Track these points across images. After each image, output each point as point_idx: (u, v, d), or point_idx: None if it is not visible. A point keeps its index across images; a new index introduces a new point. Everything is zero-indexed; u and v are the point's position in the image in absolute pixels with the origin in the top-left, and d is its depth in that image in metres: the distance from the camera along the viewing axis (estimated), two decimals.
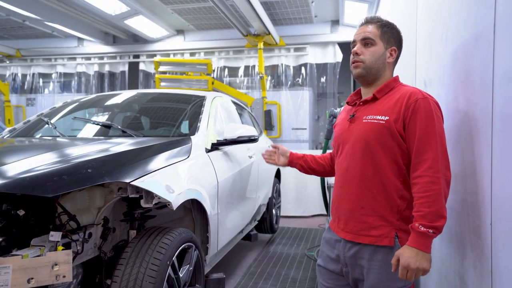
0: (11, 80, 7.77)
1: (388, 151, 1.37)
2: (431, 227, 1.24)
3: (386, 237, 1.36)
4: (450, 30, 1.63)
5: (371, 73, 1.48)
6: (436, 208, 1.25)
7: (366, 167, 1.40)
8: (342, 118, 1.61)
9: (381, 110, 1.41)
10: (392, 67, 1.53)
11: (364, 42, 1.49)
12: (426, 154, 1.29)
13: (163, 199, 1.70)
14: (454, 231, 1.59)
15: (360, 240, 1.41)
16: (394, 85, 1.48)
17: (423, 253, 1.25)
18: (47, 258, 1.33)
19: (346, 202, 1.46)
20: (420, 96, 1.35)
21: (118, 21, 5.91)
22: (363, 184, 1.40)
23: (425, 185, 1.27)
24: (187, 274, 1.92)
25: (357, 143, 1.43)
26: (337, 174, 1.55)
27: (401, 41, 1.55)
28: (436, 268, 1.84)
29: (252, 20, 5.32)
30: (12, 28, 6.92)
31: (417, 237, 1.25)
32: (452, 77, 1.62)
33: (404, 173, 1.37)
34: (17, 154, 1.75)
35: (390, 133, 1.36)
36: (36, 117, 2.99)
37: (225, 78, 6.84)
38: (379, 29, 1.49)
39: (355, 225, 1.43)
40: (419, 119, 1.32)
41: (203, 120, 2.66)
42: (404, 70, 2.84)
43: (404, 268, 1.25)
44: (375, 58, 1.47)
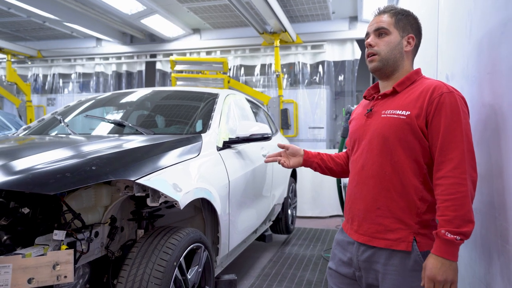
0: (32, 80, 7.94)
1: (408, 149, 1.27)
2: (459, 233, 1.13)
3: (403, 241, 1.26)
4: (475, 18, 1.52)
5: (388, 65, 1.38)
6: (463, 212, 1.14)
7: (384, 165, 1.30)
8: (358, 113, 1.50)
9: (401, 104, 1.31)
10: (412, 57, 1.42)
11: (378, 32, 1.39)
12: (451, 153, 1.19)
13: (169, 198, 1.64)
14: (479, 235, 1.47)
15: (375, 244, 1.31)
16: (416, 78, 1.37)
17: (449, 263, 1.14)
18: (48, 257, 1.30)
19: (361, 202, 1.37)
20: (445, 90, 1.25)
21: (134, 20, 5.94)
22: (380, 183, 1.31)
23: (450, 187, 1.16)
24: (196, 275, 1.86)
25: (375, 139, 1.33)
26: (351, 172, 1.45)
27: (420, 29, 1.44)
28: (460, 274, 1.72)
29: (268, 17, 5.25)
30: (33, 30, 7.06)
31: (443, 245, 1.15)
32: (477, 69, 1.51)
33: (425, 173, 1.27)
34: (23, 152, 1.73)
35: (411, 129, 1.25)
36: (50, 115, 3.00)
37: (241, 77, 6.79)
38: (392, 17, 1.39)
39: (370, 227, 1.33)
40: (444, 115, 1.22)
41: (215, 117, 2.60)
42: (425, 64, 2.71)
43: (430, 280, 1.15)
44: (390, 48, 1.37)
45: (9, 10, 5.74)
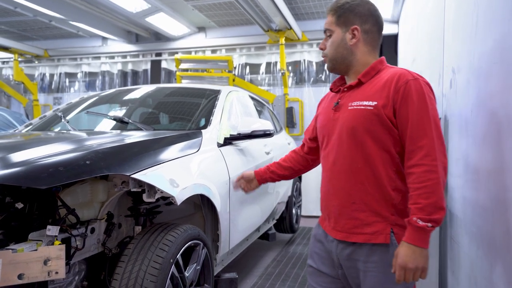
0: (39, 80, 7.99)
1: (378, 140, 1.24)
2: (430, 220, 1.12)
3: (381, 233, 1.24)
4: (482, 7, 1.46)
5: (338, 63, 1.37)
6: (435, 199, 1.13)
7: (355, 158, 1.27)
8: (325, 106, 1.47)
9: (368, 95, 1.28)
10: (366, 47, 1.36)
11: (326, 35, 1.40)
12: (421, 141, 1.18)
13: (166, 193, 1.61)
14: (485, 232, 1.41)
15: (353, 239, 1.28)
16: (381, 67, 1.34)
17: (420, 250, 1.14)
18: (39, 253, 1.27)
19: (335, 198, 1.33)
20: (410, 77, 1.22)
21: (139, 18, 5.93)
22: (353, 177, 1.28)
23: (422, 175, 1.15)
24: (194, 273, 1.82)
25: (344, 133, 1.30)
26: (323, 169, 1.42)
27: (370, 13, 1.36)
28: (465, 272, 1.66)
29: (274, 15, 5.20)
30: (40, 29, 7.10)
31: (415, 232, 1.14)
32: (484, 60, 1.45)
33: (397, 162, 1.25)
34: (19, 146, 1.71)
35: (379, 119, 1.23)
36: (52, 112, 2.99)
37: (247, 75, 6.75)
38: (333, 15, 1.37)
39: (346, 223, 1.30)
40: (411, 103, 1.20)
41: (216, 114, 2.56)
42: (430, 59, 2.65)
43: (402, 268, 1.14)
44: (334, 47, 1.36)
45: (15, 9, 5.76)
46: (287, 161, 1.69)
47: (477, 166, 1.51)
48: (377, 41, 1.39)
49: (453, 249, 1.89)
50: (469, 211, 1.62)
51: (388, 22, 5.97)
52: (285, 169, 1.68)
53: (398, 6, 5.18)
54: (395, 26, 5.88)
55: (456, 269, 1.82)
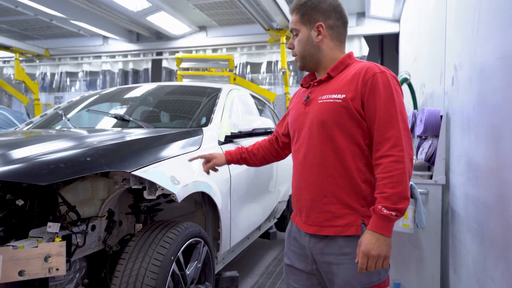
0: (40, 79, 8.00)
1: (347, 132, 1.25)
2: (394, 209, 1.14)
3: (352, 225, 1.25)
4: (484, 4, 1.45)
5: (307, 61, 1.38)
6: (400, 188, 1.15)
7: (325, 151, 1.28)
8: (296, 101, 1.48)
9: (336, 88, 1.29)
10: (333, 43, 1.37)
11: (293, 34, 1.41)
12: (388, 132, 1.19)
13: (167, 190, 1.60)
14: (487, 229, 1.41)
15: (324, 232, 1.28)
16: (349, 62, 1.35)
17: (384, 238, 1.15)
18: (39, 249, 1.26)
19: (307, 192, 1.34)
20: (377, 70, 1.24)
21: (140, 17, 5.94)
22: (324, 170, 1.29)
23: (389, 165, 1.17)
24: (195, 270, 1.82)
25: (314, 126, 1.31)
26: (295, 163, 1.42)
27: (332, 8, 1.36)
28: (467, 270, 1.65)
29: (275, 14, 5.20)
30: (41, 28, 7.11)
31: (379, 220, 1.16)
32: (486, 56, 1.44)
33: (367, 155, 1.26)
34: (19, 144, 1.71)
35: (348, 112, 1.24)
36: (53, 111, 2.99)
37: (248, 74, 6.76)
38: (297, 14, 1.38)
39: (318, 216, 1.30)
40: (378, 95, 1.21)
41: (217, 112, 2.56)
42: (432, 56, 2.65)
43: (365, 255, 1.15)
44: (302, 46, 1.37)
45: (16, 8, 5.77)
46: (261, 151, 1.69)
47: (479, 163, 1.50)
48: (343, 35, 1.40)
49: (455, 247, 1.88)
50: (471, 209, 1.61)
51: (389, 21, 5.97)
52: (257, 159, 1.69)
53: (399, 5, 5.17)
54: (396, 25, 5.87)
55: (458, 266, 1.81)
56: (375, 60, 6.99)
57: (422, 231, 2.01)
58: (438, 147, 2.07)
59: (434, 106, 2.52)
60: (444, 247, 2.07)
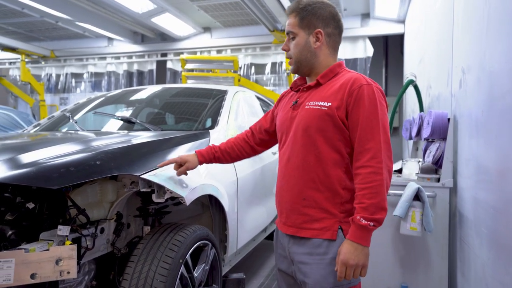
0: (46, 80, 8.05)
1: (330, 140, 1.28)
2: (372, 220, 1.18)
3: (328, 230, 1.28)
4: (493, 4, 1.45)
5: (302, 66, 1.39)
6: (378, 199, 1.18)
7: (308, 156, 1.31)
8: (284, 104, 1.49)
9: (324, 96, 1.32)
10: (329, 50, 1.38)
11: (289, 36, 1.41)
12: (368, 144, 1.23)
13: (175, 193, 1.61)
14: (496, 233, 1.40)
15: (301, 234, 1.31)
16: (339, 71, 1.37)
17: (362, 247, 1.19)
18: (51, 253, 1.27)
19: (288, 194, 1.36)
20: (364, 82, 1.27)
21: (145, 19, 5.96)
22: (305, 174, 1.31)
23: (368, 176, 1.20)
24: (202, 273, 1.83)
25: (299, 131, 1.34)
26: (280, 165, 1.45)
27: (332, 16, 1.37)
28: (476, 274, 1.65)
29: (279, 15, 5.20)
30: (47, 30, 7.14)
31: (358, 230, 1.20)
32: (496, 59, 1.44)
33: (347, 163, 1.29)
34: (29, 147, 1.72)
35: (332, 120, 1.27)
36: (60, 113, 3.01)
37: (252, 75, 6.76)
38: (296, 17, 1.37)
39: (296, 218, 1.33)
40: (362, 107, 1.25)
41: (223, 114, 2.57)
42: (439, 58, 2.64)
43: (343, 264, 1.19)
44: (299, 50, 1.37)
45: (22, 10, 5.81)
46: (235, 149, 1.66)
47: (489, 167, 1.50)
48: (338, 44, 1.42)
49: (463, 251, 1.88)
50: (480, 212, 1.61)
51: (394, 22, 5.95)
52: (232, 158, 1.67)
53: (404, 6, 5.16)
54: (401, 25, 5.86)
55: (467, 270, 1.80)
56: (380, 61, 6.97)
57: (430, 234, 2.01)
58: (446, 150, 2.06)
59: (440, 108, 2.52)
60: (452, 251, 2.07)
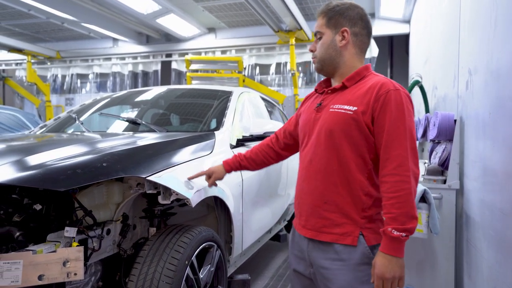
0: (51, 81, 8.10)
1: (354, 144, 1.27)
2: (404, 230, 1.16)
3: (349, 235, 1.26)
4: (501, 5, 1.44)
5: (326, 64, 1.39)
6: (407, 209, 1.17)
7: (331, 160, 1.30)
8: (308, 106, 1.49)
9: (349, 99, 1.30)
10: (354, 50, 1.37)
11: (316, 37, 1.41)
12: (395, 151, 1.20)
13: (181, 195, 1.61)
14: (504, 236, 1.39)
15: (321, 238, 1.30)
16: (366, 74, 1.36)
17: (396, 259, 1.17)
18: (58, 254, 1.28)
19: (308, 197, 1.35)
20: (391, 88, 1.24)
21: (150, 20, 5.98)
22: (327, 178, 1.30)
23: (395, 185, 1.18)
24: (208, 274, 1.83)
25: (322, 134, 1.32)
26: (300, 167, 1.44)
27: (360, 17, 1.37)
28: (483, 277, 1.64)
29: (284, 15, 5.20)
30: (52, 31, 7.19)
31: (390, 242, 1.18)
32: (503, 61, 1.43)
33: (370, 169, 1.28)
34: (36, 149, 1.73)
35: (357, 125, 1.25)
36: (66, 114, 3.02)
37: (257, 76, 6.76)
38: (324, 17, 1.38)
39: (317, 221, 1.32)
40: (389, 112, 1.22)
41: (228, 115, 2.57)
42: (445, 59, 2.62)
43: (379, 278, 1.18)
44: (324, 49, 1.38)
45: (29, 12, 5.85)
46: (260, 155, 1.70)
47: (496, 169, 1.49)
48: (366, 45, 1.40)
49: (470, 253, 1.87)
50: (487, 215, 1.59)
51: (399, 22, 5.93)
52: (258, 164, 1.71)
53: (410, 6, 5.14)
54: (406, 25, 5.83)
55: (474, 273, 1.79)
56: (385, 61, 6.95)
57: (436, 236, 2.00)
58: (452, 152, 2.05)
59: (446, 109, 2.50)
60: (458, 253, 2.05)
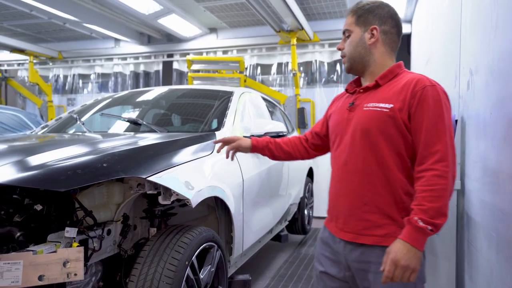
0: (53, 81, 8.11)
1: (391, 142, 1.24)
2: (431, 224, 1.11)
3: (391, 236, 1.22)
4: (502, 5, 1.43)
5: (356, 62, 1.38)
6: (440, 204, 1.12)
7: (368, 159, 1.27)
8: (339, 106, 1.47)
9: (384, 97, 1.28)
10: (384, 48, 1.36)
11: (345, 36, 1.41)
12: (434, 147, 1.17)
13: (181, 195, 1.61)
14: (504, 236, 1.39)
15: (362, 241, 1.27)
16: (399, 71, 1.34)
17: (415, 250, 1.12)
18: (58, 255, 1.29)
19: (346, 199, 1.33)
20: (428, 83, 1.22)
21: (151, 20, 5.97)
22: (365, 178, 1.28)
23: (432, 179, 1.15)
24: (208, 275, 1.83)
25: (357, 133, 1.30)
26: (333, 168, 1.42)
27: (390, 15, 1.37)
28: (484, 278, 1.63)
29: (285, 15, 5.18)
30: (54, 31, 7.20)
31: (413, 231, 1.13)
32: (504, 62, 1.42)
33: (409, 167, 1.25)
34: (37, 149, 1.74)
35: (394, 122, 1.23)
36: (67, 114, 3.03)
37: (258, 76, 6.75)
38: (354, 16, 1.38)
39: (356, 224, 1.29)
40: (426, 109, 1.20)
41: (229, 115, 2.57)
42: (446, 59, 2.62)
43: (393, 263, 1.12)
44: (353, 46, 1.37)
45: (31, 12, 5.86)
46: (289, 145, 1.70)
47: (497, 169, 1.49)
48: (396, 44, 1.39)
49: (471, 253, 1.86)
50: (488, 215, 1.59)
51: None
52: (284, 153, 1.70)
53: (411, 5, 5.13)
54: (408, 25, 5.82)
55: (474, 274, 1.79)
56: None
57: (437, 236, 1.99)
58: None
59: None
60: (459, 253, 2.05)
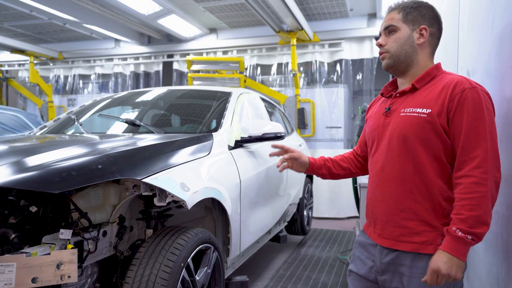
0: (54, 81, 8.12)
1: (430, 148, 1.21)
2: (470, 233, 1.08)
3: (430, 244, 1.20)
4: (498, 8, 1.43)
5: (400, 61, 1.32)
6: (479, 212, 1.09)
7: (405, 165, 1.24)
8: (375, 111, 1.44)
9: (422, 101, 1.24)
10: (429, 50, 1.33)
11: (387, 31, 1.35)
12: (474, 152, 1.13)
13: (177, 197, 1.61)
14: (500, 238, 1.38)
15: (400, 247, 1.26)
16: (436, 73, 1.30)
17: (456, 260, 1.10)
18: (52, 257, 1.28)
19: (383, 205, 1.31)
20: (467, 86, 1.18)
21: (151, 21, 5.98)
22: (402, 185, 1.25)
23: (470, 186, 1.11)
24: (204, 276, 1.83)
25: (394, 139, 1.27)
26: (371, 174, 1.40)
27: (436, 17, 1.35)
28: (480, 279, 1.63)
29: (285, 15, 5.18)
30: (55, 32, 7.21)
31: (453, 241, 1.11)
32: (500, 63, 1.42)
33: (449, 173, 1.22)
34: (33, 150, 1.73)
35: (433, 127, 1.20)
36: (66, 115, 3.03)
37: (258, 76, 6.75)
38: (400, 12, 1.33)
39: (394, 230, 1.27)
40: (466, 112, 1.16)
41: (227, 116, 2.56)
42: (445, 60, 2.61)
43: (434, 272, 1.11)
44: (400, 44, 1.31)
45: (31, 13, 5.87)
46: (346, 162, 1.65)
47: None
48: (436, 47, 1.37)
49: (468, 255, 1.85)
50: None
51: None
52: (343, 169, 1.63)
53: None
54: None
55: (471, 275, 1.78)
56: None
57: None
58: None
59: None
60: None
